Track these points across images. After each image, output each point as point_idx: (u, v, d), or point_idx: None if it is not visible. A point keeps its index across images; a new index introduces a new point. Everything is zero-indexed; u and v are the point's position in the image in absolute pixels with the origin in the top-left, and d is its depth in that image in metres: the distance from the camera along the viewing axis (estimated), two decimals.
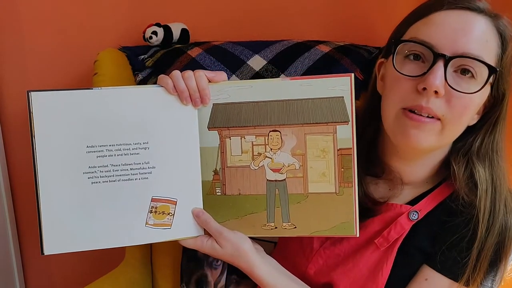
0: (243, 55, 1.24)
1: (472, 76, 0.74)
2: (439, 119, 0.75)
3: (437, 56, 0.73)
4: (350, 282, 0.85)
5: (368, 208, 0.85)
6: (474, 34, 0.74)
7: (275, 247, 1.03)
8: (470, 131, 0.81)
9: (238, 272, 1.02)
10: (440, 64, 0.73)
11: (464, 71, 0.74)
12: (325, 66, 1.21)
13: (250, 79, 1.20)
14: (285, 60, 1.23)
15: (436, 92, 0.73)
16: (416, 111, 0.75)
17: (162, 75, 0.81)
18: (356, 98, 1.24)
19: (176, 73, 0.80)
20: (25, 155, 0.78)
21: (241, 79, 1.20)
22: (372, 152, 0.84)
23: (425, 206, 0.83)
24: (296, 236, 0.83)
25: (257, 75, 1.21)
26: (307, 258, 0.90)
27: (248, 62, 1.23)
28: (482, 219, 0.78)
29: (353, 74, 0.78)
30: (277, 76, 1.20)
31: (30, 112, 0.76)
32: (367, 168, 0.87)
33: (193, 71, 0.81)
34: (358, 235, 0.80)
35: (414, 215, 0.82)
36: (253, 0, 1.39)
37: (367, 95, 0.93)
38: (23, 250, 1.48)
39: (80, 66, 1.36)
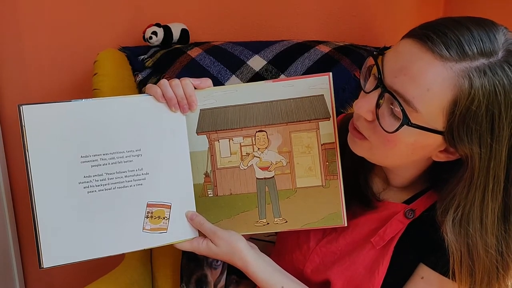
0: (243, 55, 1.24)
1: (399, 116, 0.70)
2: (366, 138, 0.76)
3: (378, 83, 0.71)
4: (346, 280, 0.85)
5: (367, 197, 0.87)
6: (415, 78, 0.67)
7: (274, 247, 1.03)
8: (451, 172, 0.75)
9: (238, 272, 1.02)
10: (376, 92, 0.72)
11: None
12: (325, 66, 1.22)
13: (250, 79, 1.21)
14: (285, 60, 1.24)
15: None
16: None
17: (150, 84, 0.84)
18: (356, 98, 1.25)
19: (164, 82, 0.83)
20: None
21: (241, 79, 1.21)
22: None
23: (421, 205, 0.83)
24: (288, 230, 0.86)
25: (257, 75, 1.21)
26: (304, 257, 0.91)
27: (248, 62, 1.23)
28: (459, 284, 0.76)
29: (331, 73, 0.82)
30: (277, 76, 1.21)
31: (22, 126, 0.76)
32: (365, 163, 0.88)
33: (179, 79, 0.84)
34: (346, 225, 0.84)
35: (410, 214, 0.83)
36: (253, 0, 1.39)
37: None
38: (23, 250, 1.48)
39: (80, 66, 1.37)
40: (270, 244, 1.08)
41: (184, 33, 1.32)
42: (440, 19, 0.71)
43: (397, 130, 0.69)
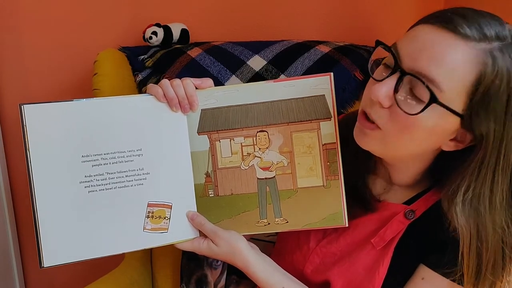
0: (243, 55, 1.24)
1: (422, 99, 0.70)
2: (380, 128, 0.75)
3: (396, 67, 0.72)
4: (346, 281, 0.85)
5: (367, 200, 0.86)
6: (439, 58, 0.69)
7: (274, 247, 1.03)
8: (457, 161, 0.76)
9: (238, 272, 1.02)
10: (394, 77, 0.72)
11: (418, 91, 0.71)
12: (325, 67, 1.22)
13: (250, 79, 1.21)
14: (285, 60, 1.24)
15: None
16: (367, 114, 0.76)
17: (151, 84, 0.85)
18: (356, 98, 1.26)
19: (165, 81, 0.83)
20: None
21: (241, 79, 1.21)
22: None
23: (421, 206, 0.83)
24: (289, 230, 0.86)
25: (257, 75, 1.21)
26: (304, 257, 0.91)
27: (248, 62, 1.23)
28: (467, 274, 0.76)
29: (332, 74, 0.83)
30: (277, 76, 1.21)
31: (23, 125, 0.77)
32: (366, 163, 0.88)
33: (181, 79, 0.84)
34: (347, 225, 0.84)
35: (410, 215, 0.83)
36: (253, 0, 1.40)
37: None
38: (23, 250, 1.48)
39: (80, 66, 1.37)
40: (270, 245, 1.08)
41: (184, 33, 1.32)
42: (450, 8, 0.73)
43: (423, 110, 0.70)
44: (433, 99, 0.69)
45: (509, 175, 0.74)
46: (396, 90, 0.72)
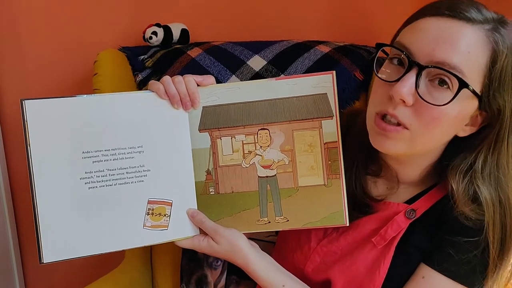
0: (243, 55, 1.24)
1: (448, 87, 0.71)
2: (407, 127, 0.74)
3: (412, 63, 0.72)
4: (347, 280, 0.85)
5: (366, 204, 0.86)
6: (454, 44, 0.70)
7: (274, 247, 1.03)
8: (468, 145, 0.78)
9: (238, 272, 1.02)
10: (412, 73, 0.72)
11: (441, 82, 0.72)
12: (325, 67, 1.22)
13: (250, 79, 1.21)
14: (285, 60, 1.24)
15: (403, 100, 0.73)
16: (387, 116, 0.75)
17: (153, 80, 0.84)
18: (356, 98, 1.25)
19: (167, 78, 0.83)
20: (25, 157, 0.77)
21: (241, 79, 1.21)
22: (372, 150, 0.85)
23: (422, 205, 0.84)
24: (289, 229, 0.86)
25: (257, 75, 1.21)
26: (305, 256, 0.91)
27: (248, 63, 1.23)
28: (493, 245, 0.78)
29: (334, 72, 0.82)
30: (277, 76, 1.20)
31: (24, 121, 0.76)
32: (366, 167, 0.88)
33: (182, 76, 0.84)
34: (348, 224, 0.84)
35: (411, 214, 0.83)
36: (253, 0, 1.40)
37: (368, 95, 0.93)
38: (23, 250, 1.48)
39: (80, 66, 1.36)
40: (270, 244, 1.08)
41: (184, 33, 1.32)
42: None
43: (454, 97, 0.71)
44: (463, 84, 0.71)
45: None
46: (417, 86, 0.72)
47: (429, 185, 0.85)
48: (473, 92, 0.72)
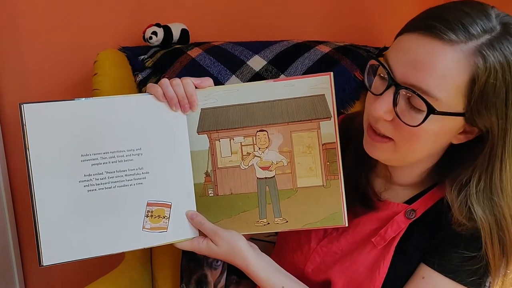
0: (243, 56, 1.24)
1: (421, 109, 0.71)
2: (392, 139, 0.76)
3: (390, 82, 0.72)
4: (347, 280, 0.85)
5: (368, 197, 0.87)
6: (428, 69, 0.69)
7: (274, 247, 1.03)
8: (467, 153, 0.78)
9: (238, 273, 1.02)
10: (390, 91, 0.73)
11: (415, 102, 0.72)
12: (325, 67, 1.22)
13: (250, 79, 1.21)
14: (285, 60, 1.24)
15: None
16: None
17: (151, 83, 0.85)
18: (356, 98, 1.26)
19: (165, 81, 0.83)
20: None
21: (241, 79, 1.21)
22: None
23: (422, 205, 0.84)
24: (288, 230, 0.86)
25: (257, 75, 1.21)
26: (304, 256, 0.91)
27: (248, 63, 1.23)
28: (494, 263, 0.77)
29: (332, 73, 0.82)
30: (277, 76, 1.21)
31: (23, 125, 0.77)
32: (366, 163, 0.88)
33: (180, 78, 0.84)
34: (346, 225, 0.84)
35: (411, 214, 0.83)
36: (253, 0, 1.39)
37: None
38: (23, 250, 1.48)
39: (80, 66, 1.37)
40: (270, 245, 1.08)
41: (184, 33, 1.32)
42: (433, 8, 0.74)
43: (423, 121, 0.71)
44: (430, 110, 0.70)
45: None
46: (395, 104, 0.72)
47: (429, 185, 0.85)
48: (447, 114, 0.71)
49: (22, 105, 0.76)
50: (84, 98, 0.80)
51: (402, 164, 0.83)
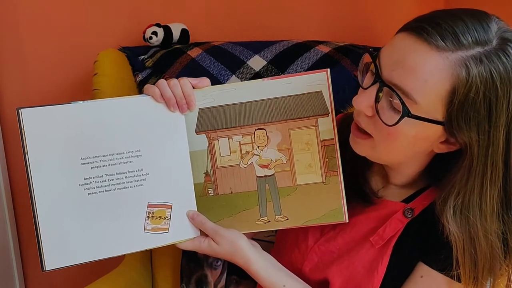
0: (243, 56, 1.25)
1: (398, 109, 0.71)
2: (371, 135, 0.76)
3: (376, 79, 0.72)
4: (345, 279, 0.85)
5: (366, 193, 0.87)
6: (413, 71, 0.68)
7: (273, 247, 1.04)
8: (447, 167, 0.76)
9: (238, 272, 1.02)
10: (375, 87, 0.72)
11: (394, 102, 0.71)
12: (325, 67, 1.20)
13: (250, 79, 1.21)
14: (285, 60, 1.24)
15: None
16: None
17: (149, 84, 0.85)
18: None
19: (162, 82, 0.83)
20: None
21: (241, 79, 1.21)
22: None
23: (420, 204, 0.83)
24: (289, 227, 0.86)
25: (257, 75, 1.22)
26: (302, 255, 0.91)
27: (248, 63, 1.24)
28: (463, 273, 0.76)
29: (328, 70, 0.83)
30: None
31: (21, 130, 0.76)
32: (365, 161, 0.88)
33: (177, 79, 0.84)
34: (347, 221, 0.84)
35: (408, 213, 0.83)
36: (253, 0, 1.40)
37: None
38: (23, 250, 1.48)
39: (80, 66, 1.37)
40: (270, 244, 1.08)
41: (184, 33, 1.32)
42: (434, 11, 0.72)
43: (397, 122, 0.70)
44: (405, 113, 0.69)
45: (499, 184, 0.72)
46: (377, 100, 0.72)
47: (425, 185, 0.85)
48: (424, 119, 0.70)
49: (20, 110, 0.76)
50: (81, 101, 0.80)
51: (384, 163, 0.84)
